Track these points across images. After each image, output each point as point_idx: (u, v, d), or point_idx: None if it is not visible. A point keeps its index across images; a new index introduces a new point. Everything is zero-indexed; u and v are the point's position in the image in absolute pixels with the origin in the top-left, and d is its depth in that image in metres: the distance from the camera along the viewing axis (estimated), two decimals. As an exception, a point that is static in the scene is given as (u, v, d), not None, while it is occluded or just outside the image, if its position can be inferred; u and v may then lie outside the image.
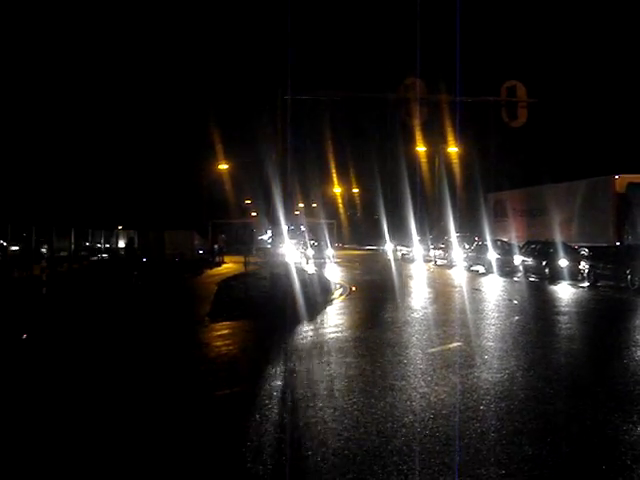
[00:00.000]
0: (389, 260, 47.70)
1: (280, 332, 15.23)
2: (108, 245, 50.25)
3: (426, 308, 21.00)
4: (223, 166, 54.09)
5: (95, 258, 44.54)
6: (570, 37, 44.80)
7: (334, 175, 64.43)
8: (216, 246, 51.41)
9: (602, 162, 39.22)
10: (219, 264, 46.06)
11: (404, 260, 49.08)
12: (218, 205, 58.92)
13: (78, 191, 43.84)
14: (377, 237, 62.56)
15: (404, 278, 33.43)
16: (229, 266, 43.02)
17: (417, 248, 47.09)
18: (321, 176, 65.86)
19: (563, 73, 45.19)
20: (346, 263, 48.75)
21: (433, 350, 13.07)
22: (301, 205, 69.56)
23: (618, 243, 30.71)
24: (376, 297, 24.66)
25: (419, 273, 37.62)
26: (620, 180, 32.11)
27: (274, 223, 26.45)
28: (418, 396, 9.25)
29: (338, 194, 70.97)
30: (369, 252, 68.70)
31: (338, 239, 62.67)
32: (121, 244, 50.18)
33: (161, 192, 50.57)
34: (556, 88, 44.74)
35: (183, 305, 22.35)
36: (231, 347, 14.31)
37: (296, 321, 16.91)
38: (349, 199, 72.97)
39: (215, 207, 58.24)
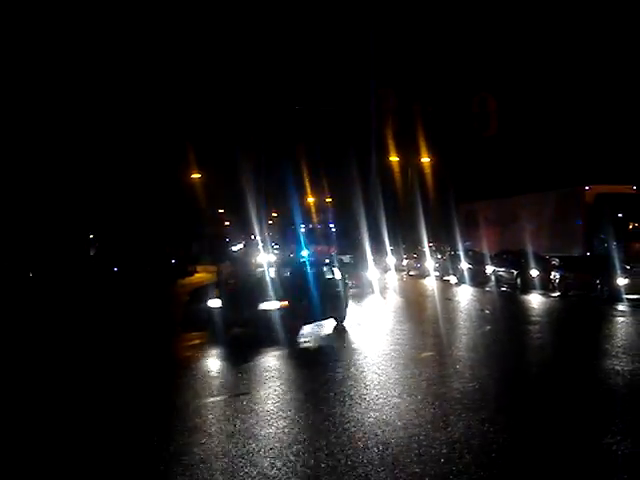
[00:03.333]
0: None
1: (251, 342, 15.17)
2: (80, 254, 50.03)
3: (399, 317, 21.02)
4: (196, 175, 53.89)
5: (65, 267, 44.07)
6: (540, 49, 45.20)
7: (307, 185, 64.26)
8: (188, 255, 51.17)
9: (573, 173, 39.60)
10: (191, 273, 45.81)
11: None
12: (191, 214, 58.64)
13: (48, 200, 43.41)
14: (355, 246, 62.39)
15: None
16: (201, 275, 42.79)
17: (390, 258, 47.14)
18: (294, 186, 65.79)
19: (534, 84, 45.57)
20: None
21: (405, 359, 13.08)
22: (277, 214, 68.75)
23: (588, 253, 31.00)
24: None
25: (392, 283, 37.67)
26: (590, 191, 32.47)
27: (247, 233, 26.34)
28: (389, 405, 9.25)
29: (312, 203, 70.81)
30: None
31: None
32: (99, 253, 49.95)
33: (134, 201, 50.23)
34: (527, 99, 45.15)
35: (154, 314, 22.15)
36: (202, 359, 14.22)
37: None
38: (323, 209, 72.90)
39: (188, 216, 57.97)
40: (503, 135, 37.58)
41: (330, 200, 71.30)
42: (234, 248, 61.38)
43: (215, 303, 16.28)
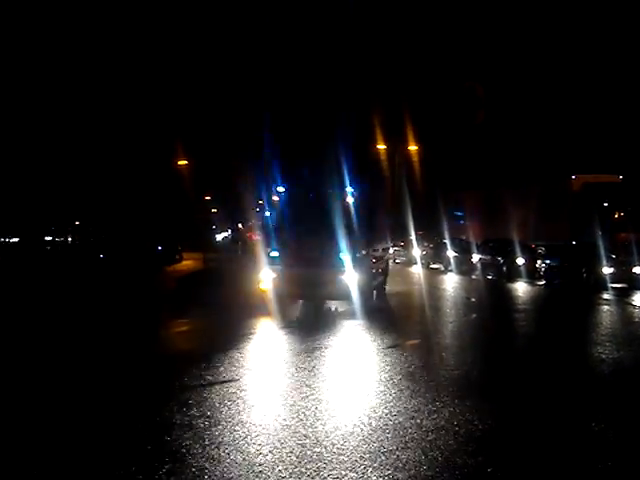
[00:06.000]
0: None
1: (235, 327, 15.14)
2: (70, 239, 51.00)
3: (384, 305, 21.02)
4: (183, 162, 53.72)
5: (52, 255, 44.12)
6: (528, 40, 45.29)
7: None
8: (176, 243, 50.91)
9: (559, 162, 39.75)
10: (179, 261, 45.67)
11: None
12: (178, 201, 58.37)
13: (33, 189, 43.15)
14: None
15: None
16: (188, 263, 42.70)
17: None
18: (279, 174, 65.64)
19: (522, 75, 45.63)
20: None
21: (391, 347, 13.09)
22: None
23: (574, 242, 31.14)
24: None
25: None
26: (576, 180, 32.65)
27: (234, 221, 26.32)
28: (375, 393, 9.26)
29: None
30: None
31: None
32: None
33: (120, 188, 49.94)
34: (515, 89, 45.20)
35: (143, 301, 22.05)
36: (190, 344, 14.19)
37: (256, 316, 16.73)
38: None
39: (175, 203, 57.71)
40: (490, 125, 37.65)
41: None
42: (218, 237, 61.14)
43: None
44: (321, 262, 17.69)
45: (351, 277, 17.46)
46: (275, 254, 18.46)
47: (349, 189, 19.63)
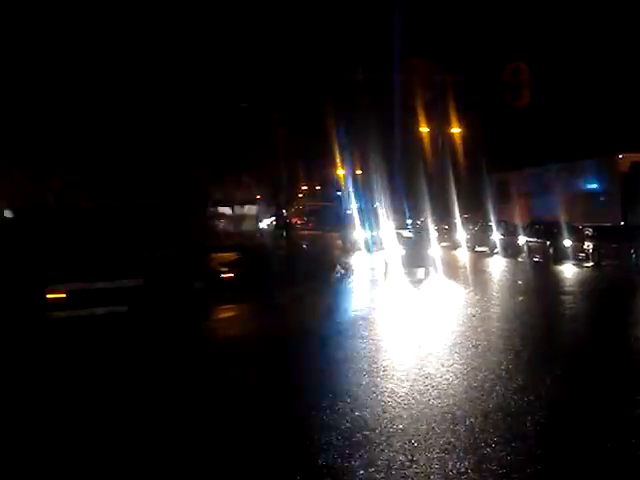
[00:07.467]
0: None
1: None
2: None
3: (431, 288, 21.01)
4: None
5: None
6: (574, 15, 44.44)
7: (337, 157, 63.63)
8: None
9: (605, 141, 39.00)
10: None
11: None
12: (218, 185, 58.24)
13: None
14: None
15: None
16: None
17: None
18: (323, 159, 65.28)
19: (566, 52, 44.82)
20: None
21: (438, 330, 13.12)
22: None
23: (622, 223, 30.61)
24: (374, 280, 24.49)
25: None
26: (624, 159, 31.98)
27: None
28: (423, 376, 9.29)
29: (341, 176, 70.27)
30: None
31: None
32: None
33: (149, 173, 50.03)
34: (560, 67, 44.46)
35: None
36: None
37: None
38: (353, 181, 72.28)
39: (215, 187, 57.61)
40: (535, 104, 37.04)
41: (360, 172, 70.96)
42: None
43: None
44: None
45: None
46: None
47: None
